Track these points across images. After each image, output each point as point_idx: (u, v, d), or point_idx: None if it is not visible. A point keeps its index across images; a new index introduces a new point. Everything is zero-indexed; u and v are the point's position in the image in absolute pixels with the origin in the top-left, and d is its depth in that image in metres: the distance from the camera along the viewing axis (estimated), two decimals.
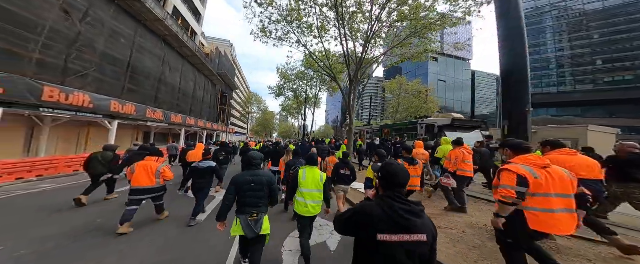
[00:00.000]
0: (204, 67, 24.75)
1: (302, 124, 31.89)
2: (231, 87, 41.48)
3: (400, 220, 1.08)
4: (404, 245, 1.07)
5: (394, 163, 1.33)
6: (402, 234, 1.07)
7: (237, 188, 2.37)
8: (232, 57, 46.44)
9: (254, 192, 2.38)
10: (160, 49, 16.23)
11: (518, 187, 1.88)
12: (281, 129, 75.78)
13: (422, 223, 1.11)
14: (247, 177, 2.42)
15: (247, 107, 52.45)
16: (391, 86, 30.27)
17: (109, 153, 5.19)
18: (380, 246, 1.07)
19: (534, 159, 1.99)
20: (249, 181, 2.39)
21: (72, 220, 4.03)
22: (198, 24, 27.08)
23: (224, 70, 32.56)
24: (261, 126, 57.27)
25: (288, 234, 3.67)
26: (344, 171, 4.08)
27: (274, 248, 3.17)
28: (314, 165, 2.92)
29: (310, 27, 9.35)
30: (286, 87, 24.60)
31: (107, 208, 4.79)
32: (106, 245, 3.21)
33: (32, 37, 7.66)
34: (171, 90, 18.25)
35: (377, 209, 1.14)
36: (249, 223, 2.29)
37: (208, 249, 3.19)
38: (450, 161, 4.27)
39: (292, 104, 32.08)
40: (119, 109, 11.37)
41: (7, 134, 9.12)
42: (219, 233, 2.52)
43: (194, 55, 21.13)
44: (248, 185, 2.37)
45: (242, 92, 61.27)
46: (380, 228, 1.08)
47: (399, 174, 1.21)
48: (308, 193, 2.74)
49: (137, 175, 3.66)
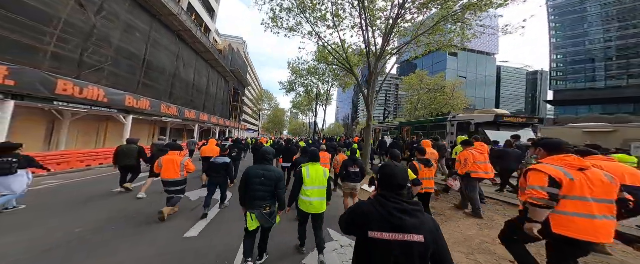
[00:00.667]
0: (217, 64, 24.79)
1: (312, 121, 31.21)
2: (243, 84, 41.71)
3: (393, 219, 1.09)
4: (398, 244, 1.06)
5: (392, 164, 1.31)
6: (395, 233, 1.06)
7: (248, 180, 2.43)
8: (244, 54, 46.65)
9: (264, 186, 2.43)
10: (175, 44, 16.22)
11: (549, 188, 1.72)
12: (292, 126, 75.88)
13: (418, 222, 1.09)
14: (258, 171, 2.46)
15: (259, 104, 52.68)
16: (410, 81, 27.54)
17: (133, 146, 5.52)
18: (373, 244, 1.09)
19: (571, 160, 1.82)
20: (260, 175, 2.44)
21: (107, 207, 4.47)
22: (212, 20, 27.12)
23: (236, 67, 32.65)
24: (272, 123, 57.51)
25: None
26: (352, 169, 4.00)
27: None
28: (316, 162, 2.89)
29: (324, 16, 8.65)
30: (297, 83, 23.80)
31: (129, 198, 5.08)
32: (139, 229, 3.51)
33: (48, 30, 7.60)
34: (185, 86, 18.30)
35: (371, 208, 1.16)
36: (265, 215, 2.39)
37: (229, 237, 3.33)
38: (460, 162, 4.08)
39: (303, 101, 31.29)
40: (133, 103, 11.35)
41: (28, 128, 9.30)
42: (238, 220, 2.77)
43: (208, 51, 21.11)
44: (259, 179, 2.42)
45: (254, 89, 61.65)
46: (373, 226, 1.10)
47: (397, 175, 1.20)
48: (312, 191, 2.71)
49: (165, 168, 3.90)
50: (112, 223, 3.69)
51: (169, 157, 3.98)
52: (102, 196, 5.11)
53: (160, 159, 3.97)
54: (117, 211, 4.20)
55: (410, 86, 27.85)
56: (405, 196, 1.18)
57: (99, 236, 3.21)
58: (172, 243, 3.12)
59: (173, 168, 3.90)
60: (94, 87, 9.00)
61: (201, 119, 20.75)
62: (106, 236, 3.23)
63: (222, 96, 29.54)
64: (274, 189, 2.47)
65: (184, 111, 17.05)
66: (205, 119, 21.66)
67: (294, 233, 3.02)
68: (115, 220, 3.80)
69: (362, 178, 4.05)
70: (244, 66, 40.68)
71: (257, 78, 66.46)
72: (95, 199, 4.87)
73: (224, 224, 3.80)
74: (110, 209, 4.32)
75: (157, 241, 3.15)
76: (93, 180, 6.81)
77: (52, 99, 7.60)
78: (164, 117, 14.61)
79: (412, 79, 27.44)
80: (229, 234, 3.39)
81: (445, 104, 24.81)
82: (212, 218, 4.02)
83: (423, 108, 25.98)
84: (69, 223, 3.59)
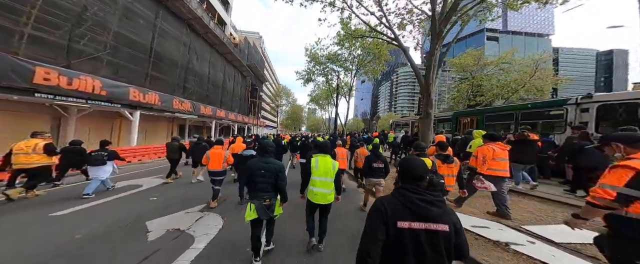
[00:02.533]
0: (233, 58, 23.50)
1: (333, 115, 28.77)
2: (260, 80, 40.61)
3: (418, 209, 1.09)
4: (424, 233, 1.06)
5: (412, 157, 1.38)
6: (421, 222, 1.07)
7: (250, 173, 2.47)
8: (261, 49, 45.50)
9: (265, 178, 2.44)
10: (186, 35, 14.89)
11: (625, 189, 1.43)
12: (310, 122, 74.37)
13: (441, 212, 1.10)
14: (259, 163, 2.49)
15: (277, 100, 51.58)
16: (461, 62, 20.37)
17: (175, 143, 6.47)
18: (400, 235, 1.08)
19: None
20: (260, 167, 2.46)
21: (167, 192, 5.28)
22: (226, 12, 25.79)
23: (253, 61, 31.41)
24: (290, 119, 56.33)
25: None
26: (376, 164, 3.84)
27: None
28: (326, 153, 2.88)
29: None
30: (316, 71, 21.29)
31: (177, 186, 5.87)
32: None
33: (23, 8, 6.29)
34: (199, 79, 17.10)
35: (393, 200, 1.17)
36: (263, 207, 2.40)
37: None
38: (477, 158, 3.62)
39: (321, 94, 28.75)
40: (139, 98, 10.10)
41: (27, 125, 8.42)
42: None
43: (222, 43, 19.74)
44: (259, 171, 2.45)
45: (272, 85, 60.75)
46: (400, 217, 1.10)
47: (416, 167, 1.22)
48: (320, 181, 2.71)
49: (212, 161, 4.34)
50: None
51: (214, 151, 4.42)
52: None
53: (208, 152, 4.43)
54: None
55: (461, 67, 20.55)
56: (425, 187, 1.18)
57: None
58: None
59: (218, 160, 4.35)
60: (86, 77, 7.69)
61: (218, 115, 19.62)
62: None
63: (239, 91, 28.47)
64: (275, 181, 2.47)
65: (199, 107, 15.87)
66: (222, 116, 20.54)
67: (303, 225, 2.97)
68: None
69: (386, 174, 3.91)
70: (261, 61, 39.49)
71: (274, 74, 65.42)
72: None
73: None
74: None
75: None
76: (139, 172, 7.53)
77: (31, 90, 6.34)
78: (178, 113, 13.45)
79: (465, 58, 20.23)
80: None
81: (522, 86, 17.30)
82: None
83: (480, 94, 19.02)
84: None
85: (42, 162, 4.37)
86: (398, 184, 1.26)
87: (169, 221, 3.57)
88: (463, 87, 20.67)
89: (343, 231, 3.32)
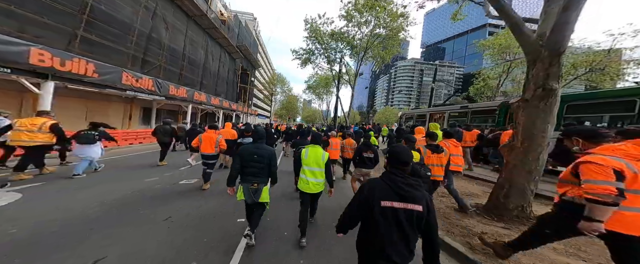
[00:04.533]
0: (218, 35, 19.78)
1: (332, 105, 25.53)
2: (253, 65, 36.69)
3: (400, 191, 1.25)
4: (403, 212, 1.23)
5: (399, 145, 1.60)
6: (402, 202, 1.24)
7: (242, 159, 2.51)
8: (255, 32, 41.22)
9: (256, 163, 2.49)
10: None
11: (617, 183, 1.44)
12: (305, 113, 71.01)
13: (420, 195, 1.26)
14: (252, 149, 2.54)
15: (271, 88, 47.74)
16: (497, 42, 15.38)
17: (167, 127, 6.55)
18: (383, 213, 1.24)
19: (628, 148, 1.56)
20: (253, 153, 2.51)
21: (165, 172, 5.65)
22: None
23: (244, 42, 27.55)
24: (285, 109, 52.75)
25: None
26: (366, 154, 3.83)
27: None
28: (317, 144, 2.85)
29: None
30: (316, 51, 17.34)
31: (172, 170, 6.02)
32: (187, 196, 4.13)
33: None
34: (170, 55, 13.56)
35: (381, 182, 1.32)
36: (250, 190, 2.47)
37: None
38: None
39: (320, 81, 25.23)
40: (52, 63, 6.74)
41: None
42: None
43: (203, 15, 16.10)
44: (251, 157, 2.50)
45: (266, 72, 56.56)
46: (385, 197, 1.26)
47: (402, 153, 1.36)
48: (309, 171, 2.71)
49: (204, 144, 4.41)
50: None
51: (207, 134, 4.49)
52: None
53: (201, 135, 4.49)
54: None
55: (499, 49, 15.44)
56: (409, 172, 1.34)
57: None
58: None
59: (210, 144, 4.40)
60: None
61: (197, 99, 16.24)
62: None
63: (226, 74, 24.85)
64: (268, 166, 2.54)
65: (167, 87, 12.49)
66: (202, 100, 17.14)
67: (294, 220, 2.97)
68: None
69: (375, 164, 3.90)
70: (255, 44, 35.40)
71: (268, 60, 60.86)
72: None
73: None
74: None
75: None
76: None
77: None
78: (131, 91, 10.09)
79: (499, 39, 15.55)
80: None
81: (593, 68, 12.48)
82: None
83: (518, 82, 14.99)
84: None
85: (45, 142, 4.31)
86: (386, 168, 1.41)
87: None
88: (490, 76, 15.80)
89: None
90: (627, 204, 1.45)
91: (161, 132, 6.30)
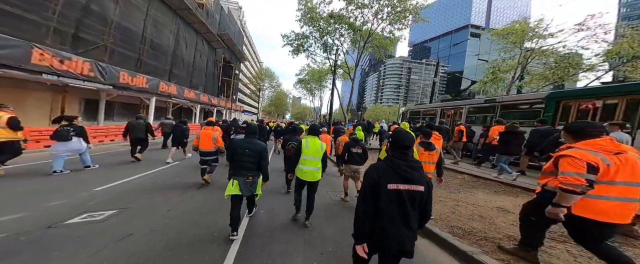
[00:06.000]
0: (193, 18, 16.93)
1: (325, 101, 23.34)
2: (238, 57, 33.67)
3: (403, 173, 1.31)
4: (407, 192, 1.29)
5: (403, 130, 1.54)
6: (405, 184, 1.30)
7: (234, 152, 2.54)
8: (240, 22, 37.98)
9: (249, 157, 2.51)
10: None
11: (588, 175, 1.58)
12: (295, 109, 68.39)
13: (420, 175, 1.34)
14: (244, 143, 2.56)
15: (258, 83, 44.64)
16: (515, 28, 13.42)
17: (141, 121, 6.17)
18: (388, 194, 1.29)
19: (605, 143, 1.67)
20: (245, 147, 2.53)
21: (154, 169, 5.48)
22: None
23: (226, 31, 24.63)
24: (273, 105, 49.88)
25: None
26: (355, 150, 3.82)
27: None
28: (315, 135, 3.03)
29: None
30: (311, 37, 14.51)
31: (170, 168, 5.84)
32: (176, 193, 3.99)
33: None
34: (120, 34, 10.72)
35: (384, 165, 1.38)
36: (247, 183, 2.50)
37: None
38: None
39: (313, 75, 22.73)
40: None
41: None
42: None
43: None
44: (243, 150, 2.52)
45: (253, 66, 53.14)
46: (390, 179, 1.30)
47: (405, 138, 1.40)
48: (309, 160, 2.88)
49: (202, 141, 4.39)
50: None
51: (205, 131, 4.43)
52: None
53: (199, 132, 4.50)
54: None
55: (520, 36, 13.14)
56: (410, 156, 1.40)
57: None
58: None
59: (208, 141, 4.38)
60: None
61: (163, 90, 13.53)
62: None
63: (205, 65, 21.96)
64: (259, 160, 2.55)
65: (116, 73, 9.81)
66: (170, 92, 14.43)
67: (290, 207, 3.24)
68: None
69: (364, 160, 3.86)
70: (239, 34, 32.30)
71: (255, 54, 57.30)
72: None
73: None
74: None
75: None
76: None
77: None
78: (52, 74, 7.39)
79: (517, 26, 13.43)
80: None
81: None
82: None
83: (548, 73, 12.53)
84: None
85: (7, 138, 4.09)
86: (388, 152, 1.47)
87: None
88: (499, 68, 13.28)
89: (328, 219, 3.20)
90: (600, 193, 1.60)
91: (137, 128, 6.02)
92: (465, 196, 3.96)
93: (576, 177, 1.57)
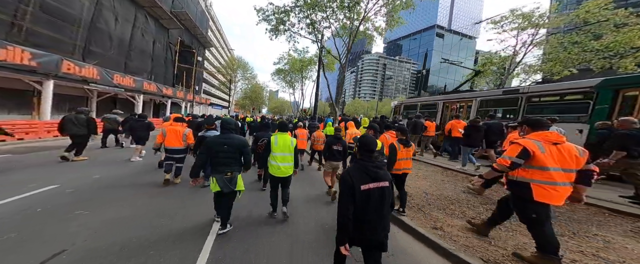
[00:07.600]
0: None
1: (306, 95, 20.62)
2: (202, 43, 29.04)
3: (372, 174, 1.45)
4: (377, 190, 1.44)
5: (367, 135, 1.85)
6: (374, 182, 1.44)
7: (210, 150, 2.42)
8: (204, 3, 32.89)
9: (227, 153, 2.42)
10: None
11: (515, 159, 1.89)
12: (272, 104, 64.17)
13: (384, 173, 1.50)
14: (220, 140, 2.45)
15: (229, 74, 39.87)
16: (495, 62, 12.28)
17: (81, 116, 5.34)
18: (362, 194, 1.41)
19: (550, 135, 1.92)
20: (222, 144, 2.43)
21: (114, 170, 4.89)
22: None
23: (184, 9, 20.32)
24: (248, 99, 45.35)
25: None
26: (336, 147, 3.83)
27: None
28: (285, 131, 2.98)
29: None
30: (293, 14, 11.55)
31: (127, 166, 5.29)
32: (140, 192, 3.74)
33: None
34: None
35: (356, 169, 1.49)
36: (225, 180, 2.39)
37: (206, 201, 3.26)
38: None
39: (294, 65, 19.72)
40: None
41: None
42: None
43: None
44: (221, 147, 2.41)
45: (222, 54, 47.65)
46: (363, 181, 1.42)
47: (371, 143, 1.56)
48: (280, 156, 2.83)
49: (169, 138, 4.08)
50: None
51: (172, 127, 4.13)
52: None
53: (165, 128, 4.14)
54: None
55: (520, 25, 11.79)
56: (376, 158, 1.61)
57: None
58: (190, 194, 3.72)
59: (176, 138, 4.07)
60: None
61: (67, 71, 9.69)
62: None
63: (150, 47, 17.68)
64: (240, 155, 2.50)
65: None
66: (85, 75, 10.55)
67: (266, 203, 3.13)
68: None
69: (344, 157, 3.93)
70: (203, 16, 27.63)
71: (225, 41, 51.43)
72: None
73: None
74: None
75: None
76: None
77: None
78: None
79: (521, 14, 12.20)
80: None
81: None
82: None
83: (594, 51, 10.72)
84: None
85: None
86: (356, 156, 1.62)
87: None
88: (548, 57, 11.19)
89: (318, 220, 3.07)
90: (535, 177, 1.87)
91: (77, 122, 5.19)
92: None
93: (504, 159, 1.97)
